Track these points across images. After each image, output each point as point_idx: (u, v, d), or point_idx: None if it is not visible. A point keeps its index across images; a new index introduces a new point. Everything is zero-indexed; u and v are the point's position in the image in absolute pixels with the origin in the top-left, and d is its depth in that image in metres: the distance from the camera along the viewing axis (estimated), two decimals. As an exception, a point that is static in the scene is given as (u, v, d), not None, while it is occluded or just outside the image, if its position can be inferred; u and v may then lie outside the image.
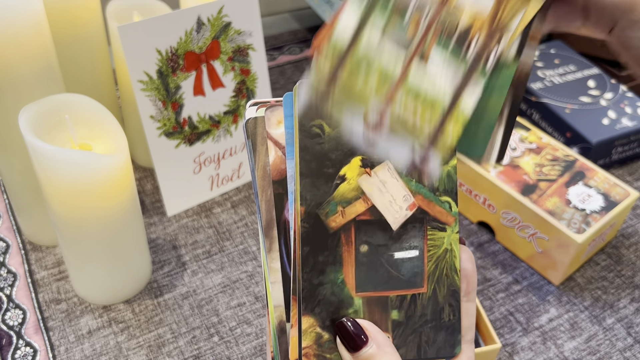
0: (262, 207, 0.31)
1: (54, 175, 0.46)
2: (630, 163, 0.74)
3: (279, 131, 0.31)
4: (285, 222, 0.31)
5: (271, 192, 0.31)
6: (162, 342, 0.53)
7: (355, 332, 0.30)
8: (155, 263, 0.59)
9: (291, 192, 0.31)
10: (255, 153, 0.31)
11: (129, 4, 0.61)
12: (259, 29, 0.62)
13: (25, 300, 0.55)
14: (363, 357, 0.30)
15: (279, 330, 0.31)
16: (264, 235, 0.31)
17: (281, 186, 0.31)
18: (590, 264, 0.63)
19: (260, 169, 0.31)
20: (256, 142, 0.31)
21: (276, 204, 0.31)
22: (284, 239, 0.31)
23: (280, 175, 0.31)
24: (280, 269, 0.31)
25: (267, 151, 0.31)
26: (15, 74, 0.47)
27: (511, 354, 0.54)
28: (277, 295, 0.31)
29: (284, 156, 0.31)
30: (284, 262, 0.31)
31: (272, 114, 0.31)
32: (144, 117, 0.58)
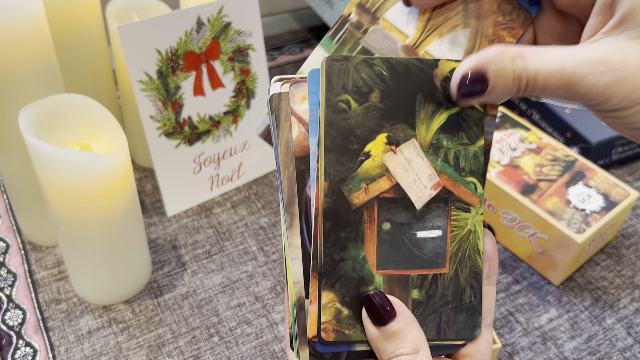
0: (284, 183, 0.31)
1: (54, 176, 0.46)
2: (630, 163, 0.74)
3: (302, 107, 0.31)
4: (307, 199, 0.31)
5: (293, 169, 0.31)
6: (162, 342, 0.53)
7: (384, 306, 0.30)
8: (155, 263, 0.59)
9: (314, 168, 0.31)
10: (279, 129, 0.31)
11: (129, 4, 0.61)
12: (259, 29, 0.62)
13: (25, 301, 0.55)
14: (390, 332, 0.30)
15: (298, 307, 0.31)
16: (285, 211, 0.31)
17: (303, 162, 0.31)
18: (590, 264, 0.63)
19: (283, 144, 0.31)
20: (280, 117, 0.31)
21: (298, 180, 0.31)
22: (305, 216, 0.31)
23: (303, 151, 0.31)
24: (301, 245, 0.31)
25: (291, 127, 0.31)
26: (15, 74, 0.47)
27: (511, 354, 0.54)
28: (297, 271, 0.31)
29: (307, 133, 0.31)
30: (305, 238, 0.31)
31: (296, 90, 0.31)
32: (144, 117, 0.58)
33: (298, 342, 0.31)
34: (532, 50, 0.29)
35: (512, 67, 0.28)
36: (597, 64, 0.27)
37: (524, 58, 0.28)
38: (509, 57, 0.28)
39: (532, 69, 0.28)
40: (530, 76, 0.28)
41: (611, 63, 0.27)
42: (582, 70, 0.27)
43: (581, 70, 0.27)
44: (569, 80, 0.27)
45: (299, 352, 0.31)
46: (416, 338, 0.30)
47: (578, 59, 0.28)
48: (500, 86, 0.29)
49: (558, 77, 0.28)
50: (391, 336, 0.30)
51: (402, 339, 0.29)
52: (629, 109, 0.28)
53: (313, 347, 0.30)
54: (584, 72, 0.27)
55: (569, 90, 0.28)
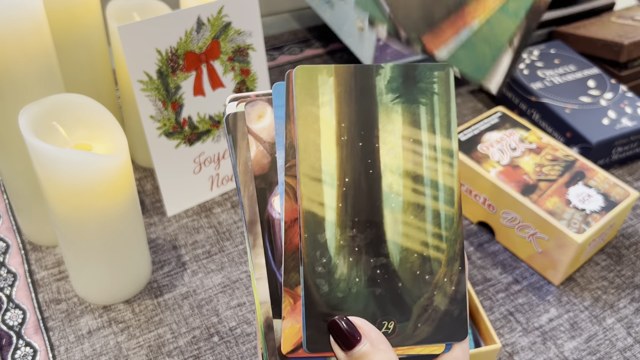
0: (245, 203, 0.31)
1: (54, 176, 0.46)
2: (630, 163, 0.74)
3: (259, 125, 0.31)
4: (269, 218, 0.31)
5: (253, 188, 0.31)
6: (162, 342, 0.53)
7: (348, 331, 0.30)
8: (155, 263, 0.59)
9: (282, 182, 0.31)
10: (237, 148, 0.31)
11: (129, 4, 0.61)
12: (259, 29, 0.62)
13: (25, 300, 0.55)
14: (356, 356, 0.29)
15: (266, 327, 0.31)
16: (247, 231, 0.31)
17: (263, 181, 0.31)
18: (590, 264, 0.63)
19: (242, 164, 0.31)
20: (237, 137, 0.31)
21: (259, 199, 0.31)
22: (268, 234, 0.31)
23: (262, 170, 0.31)
24: (265, 265, 0.31)
25: (248, 146, 0.31)
26: (15, 74, 0.47)
27: (511, 354, 0.54)
28: (263, 292, 0.31)
29: (265, 151, 0.31)
30: (269, 258, 0.31)
31: (252, 109, 0.31)
32: (144, 117, 0.58)
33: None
34: None
35: None
36: None
37: None
38: None
39: None
40: None
41: None
42: None
43: None
44: None
45: None
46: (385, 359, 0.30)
47: None
48: None
49: None
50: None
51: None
52: None
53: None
54: None
55: None
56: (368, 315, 0.31)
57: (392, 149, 0.31)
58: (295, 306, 0.30)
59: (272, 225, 0.31)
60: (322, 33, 0.93)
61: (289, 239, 0.30)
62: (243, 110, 0.31)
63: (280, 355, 0.30)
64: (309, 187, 0.30)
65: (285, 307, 0.30)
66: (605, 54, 0.81)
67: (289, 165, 0.31)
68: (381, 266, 0.31)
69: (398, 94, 0.31)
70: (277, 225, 0.31)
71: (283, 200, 0.30)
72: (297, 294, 0.30)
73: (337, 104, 0.31)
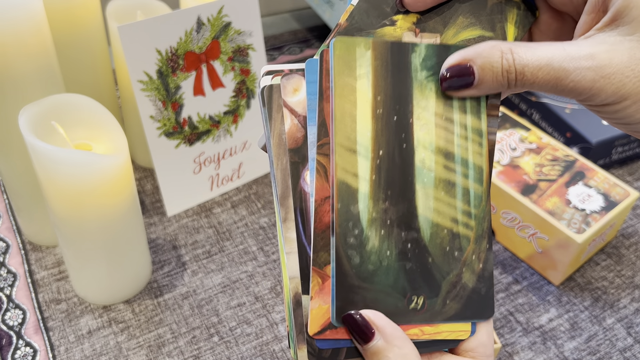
0: (278, 176, 0.30)
1: (54, 176, 0.46)
2: (630, 163, 0.74)
3: (295, 99, 0.31)
4: (302, 192, 0.30)
5: (287, 161, 0.30)
6: (162, 342, 0.53)
7: (363, 325, 0.29)
8: (155, 263, 0.59)
9: (312, 158, 0.30)
10: (271, 121, 0.31)
11: (129, 4, 0.61)
12: (259, 29, 0.62)
13: (25, 300, 0.55)
14: (371, 351, 0.29)
15: (295, 303, 0.30)
16: (279, 204, 0.30)
17: (297, 155, 0.30)
18: (590, 264, 0.63)
19: (276, 137, 0.31)
20: (272, 110, 0.31)
21: (292, 173, 0.30)
22: (300, 210, 0.30)
23: (296, 143, 0.31)
24: (296, 239, 0.30)
25: (283, 119, 0.31)
26: (15, 73, 0.47)
27: (511, 354, 0.54)
28: (293, 266, 0.30)
29: (300, 124, 0.31)
30: (300, 232, 0.30)
31: (288, 82, 0.31)
32: (144, 117, 0.58)
33: (295, 340, 0.30)
34: (522, 45, 0.29)
35: (500, 61, 0.29)
36: (585, 60, 0.28)
37: (514, 53, 0.29)
38: (498, 51, 0.29)
39: (520, 64, 0.28)
40: (518, 70, 0.28)
41: (599, 59, 0.27)
42: (569, 65, 0.28)
43: (568, 66, 0.28)
44: (557, 75, 0.28)
45: (297, 351, 0.30)
46: (399, 355, 0.29)
47: (566, 54, 0.28)
48: (487, 79, 0.29)
49: (546, 71, 0.28)
50: (373, 355, 0.29)
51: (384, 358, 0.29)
52: (617, 104, 0.28)
53: (312, 344, 0.30)
54: (571, 67, 0.28)
55: (557, 85, 0.28)
56: (398, 289, 0.31)
57: (425, 125, 0.31)
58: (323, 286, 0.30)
59: (304, 199, 0.30)
60: (322, 33, 0.93)
61: (319, 217, 0.30)
62: (278, 84, 0.31)
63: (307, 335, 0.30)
64: (344, 157, 0.30)
65: (313, 287, 0.30)
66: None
67: (321, 144, 0.30)
68: (412, 240, 0.31)
69: (432, 71, 0.31)
70: (309, 199, 0.30)
71: (314, 177, 0.30)
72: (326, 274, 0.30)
73: (374, 77, 0.31)
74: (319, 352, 0.30)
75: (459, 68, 0.30)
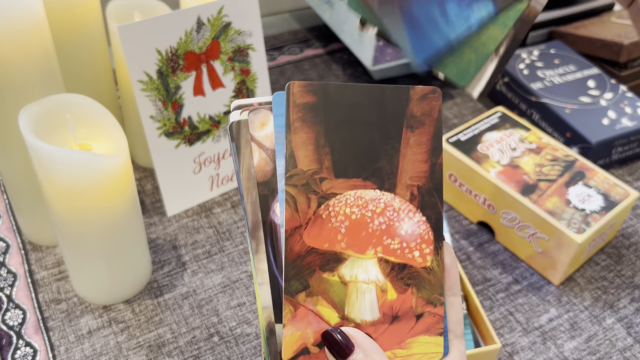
0: (248, 209, 0.31)
1: (54, 176, 0.46)
2: (630, 163, 0.74)
3: (262, 133, 0.32)
4: (272, 224, 0.31)
5: (256, 194, 0.31)
6: (162, 342, 0.53)
7: (342, 341, 0.30)
8: (155, 263, 0.59)
9: (281, 190, 0.31)
10: (240, 155, 0.31)
11: (129, 4, 0.61)
12: (259, 29, 0.62)
13: (25, 300, 0.55)
14: None
15: (268, 332, 0.31)
16: (250, 237, 0.31)
17: (266, 187, 0.31)
18: (590, 264, 0.63)
19: (245, 171, 0.31)
20: (240, 144, 0.31)
21: (262, 205, 0.31)
22: (271, 240, 0.31)
23: (265, 176, 0.31)
24: (268, 270, 0.31)
25: (251, 154, 0.31)
26: (15, 74, 0.47)
27: (511, 354, 0.55)
28: (265, 296, 0.31)
29: (268, 158, 0.31)
30: (271, 263, 0.31)
31: (255, 117, 0.32)
32: (144, 117, 0.58)
33: None
34: None
35: None
36: None
37: None
38: None
39: None
40: None
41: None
42: None
43: None
44: None
45: None
46: None
47: None
48: None
49: None
50: None
51: None
52: None
53: None
54: None
55: None
56: None
57: None
58: (295, 314, 0.31)
59: (274, 230, 0.31)
60: (322, 33, 0.93)
61: (289, 247, 0.31)
62: (246, 119, 0.31)
63: None
64: None
65: (285, 315, 0.31)
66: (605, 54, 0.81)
67: (290, 175, 0.31)
68: None
69: None
70: (279, 230, 0.31)
71: (283, 209, 0.31)
72: (297, 302, 0.31)
73: None
74: None
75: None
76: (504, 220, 0.62)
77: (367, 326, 0.32)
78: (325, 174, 0.32)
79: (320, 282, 0.31)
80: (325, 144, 0.32)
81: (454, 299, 0.33)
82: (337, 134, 0.32)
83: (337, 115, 0.32)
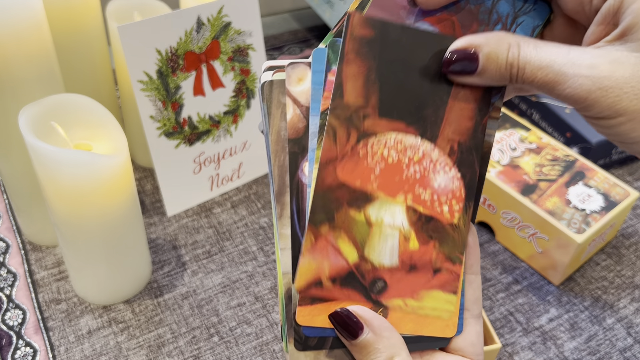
0: (275, 172, 0.30)
1: (54, 176, 0.46)
2: (630, 163, 0.74)
3: (298, 89, 0.31)
4: (299, 183, 0.30)
5: (284, 157, 0.30)
6: (162, 342, 0.53)
7: (351, 321, 0.30)
8: (155, 263, 0.59)
9: (312, 149, 0.30)
10: (270, 117, 0.30)
11: (129, 4, 0.61)
12: (259, 29, 0.62)
13: (25, 300, 0.55)
14: (361, 345, 0.30)
15: (287, 298, 0.30)
16: (275, 201, 0.30)
17: (297, 145, 0.30)
18: (590, 264, 0.63)
19: (275, 133, 0.30)
20: (271, 105, 0.30)
21: (290, 163, 0.30)
22: (296, 200, 0.30)
23: (297, 134, 0.30)
24: (291, 235, 0.30)
25: (282, 114, 0.30)
26: (15, 74, 0.47)
27: (511, 354, 0.54)
28: (286, 262, 0.30)
29: (302, 115, 0.31)
30: (295, 224, 0.30)
31: (293, 71, 0.31)
32: (144, 117, 0.58)
33: (287, 334, 0.30)
34: (530, 41, 0.29)
35: (506, 53, 0.28)
36: (586, 68, 0.27)
37: (520, 47, 0.28)
38: (505, 43, 0.28)
39: (524, 60, 0.28)
40: (520, 65, 0.28)
41: (600, 69, 0.27)
42: (569, 70, 0.27)
43: (568, 71, 0.27)
44: (555, 79, 0.27)
45: (287, 344, 0.30)
46: (388, 346, 0.30)
47: (568, 59, 0.27)
48: (490, 69, 0.29)
49: (545, 72, 0.28)
50: (363, 349, 0.30)
51: (374, 351, 0.30)
52: (612, 119, 0.27)
53: (299, 332, 0.30)
54: (570, 73, 0.27)
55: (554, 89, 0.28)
56: None
57: None
58: (315, 244, 0.30)
59: (301, 190, 0.30)
60: (322, 33, 0.93)
61: (322, 178, 0.30)
62: (278, 79, 0.31)
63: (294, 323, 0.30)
64: None
65: (305, 244, 0.30)
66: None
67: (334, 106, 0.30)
68: None
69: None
70: (306, 191, 0.31)
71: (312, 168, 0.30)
72: (319, 233, 0.30)
73: None
74: (305, 339, 0.30)
75: (465, 53, 0.29)
76: (504, 220, 0.62)
77: (384, 270, 0.31)
78: (370, 111, 0.31)
79: (346, 218, 0.31)
80: (376, 80, 0.31)
81: (473, 277, 0.33)
82: (390, 73, 0.31)
83: (393, 54, 0.31)
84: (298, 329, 0.30)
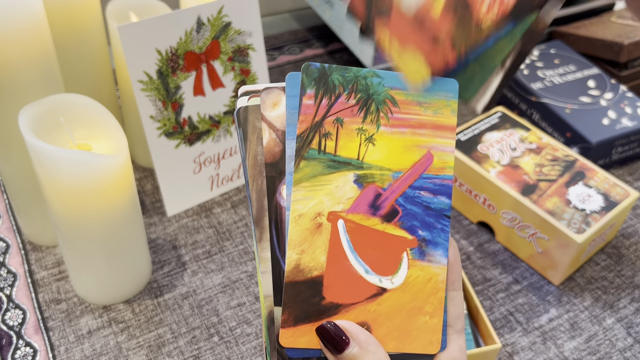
0: (253, 197, 0.31)
1: (54, 176, 0.46)
2: (630, 163, 0.74)
3: (273, 113, 0.31)
4: (277, 206, 0.31)
5: (262, 181, 0.31)
6: (162, 342, 0.53)
7: (337, 335, 0.30)
8: (155, 263, 0.59)
9: (289, 172, 0.31)
10: (246, 142, 0.31)
11: (129, 4, 0.61)
12: (259, 29, 0.62)
13: (25, 300, 0.55)
14: (347, 359, 0.30)
15: (269, 321, 0.31)
16: (254, 225, 0.31)
17: (274, 169, 0.31)
18: (590, 264, 0.63)
19: (251, 158, 0.31)
20: (247, 131, 0.31)
21: (268, 187, 0.31)
22: (275, 223, 0.31)
23: (273, 158, 0.31)
24: (271, 257, 0.31)
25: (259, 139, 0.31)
26: (15, 74, 0.47)
27: (511, 354, 0.55)
28: (267, 285, 0.31)
29: (277, 139, 0.31)
30: (274, 246, 0.31)
31: (267, 96, 0.31)
32: (144, 117, 0.58)
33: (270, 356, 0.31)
34: None
35: None
36: None
37: None
38: None
39: None
40: None
41: None
42: None
43: None
44: None
45: None
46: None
47: None
48: None
49: None
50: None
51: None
52: None
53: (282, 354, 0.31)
54: None
55: None
56: None
57: None
58: None
59: (279, 213, 0.31)
60: (322, 33, 0.93)
61: None
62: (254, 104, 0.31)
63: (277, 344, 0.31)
64: None
65: None
66: (605, 54, 0.81)
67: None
68: None
69: None
70: (284, 213, 0.31)
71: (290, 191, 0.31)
72: None
73: None
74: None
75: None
76: (504, 220, 0.62)
77: None
78: None
79: None
80: None
81: (455, 294, 0.33)
82: None
83: None
84: (282, 350, 0.31)
